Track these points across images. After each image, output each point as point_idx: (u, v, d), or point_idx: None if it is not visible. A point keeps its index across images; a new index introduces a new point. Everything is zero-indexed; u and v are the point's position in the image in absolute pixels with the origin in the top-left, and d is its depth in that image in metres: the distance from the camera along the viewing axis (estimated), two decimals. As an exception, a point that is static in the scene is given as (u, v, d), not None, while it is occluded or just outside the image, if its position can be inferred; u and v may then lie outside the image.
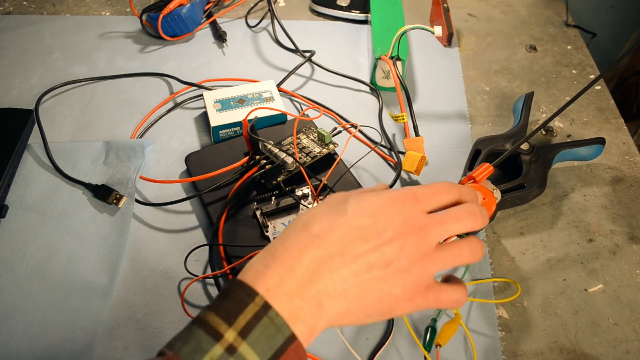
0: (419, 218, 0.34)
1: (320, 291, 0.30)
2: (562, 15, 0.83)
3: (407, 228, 0.33)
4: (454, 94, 0.68)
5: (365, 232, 0.32)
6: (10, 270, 0.46)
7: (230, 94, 0.61)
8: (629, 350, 0.43)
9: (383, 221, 0.33)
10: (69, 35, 0.74)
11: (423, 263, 0.33)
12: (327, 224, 0.32)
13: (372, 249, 0.32)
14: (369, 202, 0.34)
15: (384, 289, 0.32)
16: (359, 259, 0.31)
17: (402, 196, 0.34)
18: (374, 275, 0.32)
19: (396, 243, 0.32)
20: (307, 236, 0.32)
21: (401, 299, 0.33)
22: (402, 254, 0.32)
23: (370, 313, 0.33)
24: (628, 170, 0.58)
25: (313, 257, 0.31)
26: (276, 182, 0.52)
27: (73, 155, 0.56)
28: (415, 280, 0.33)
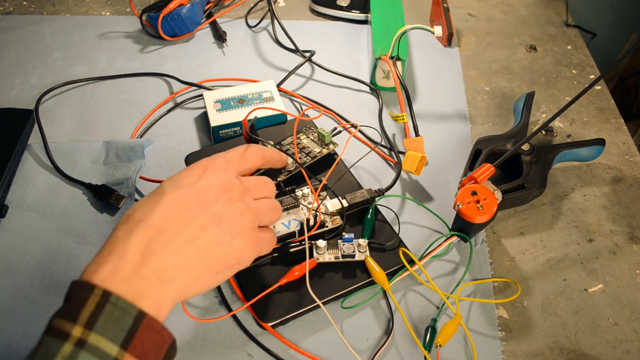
0: (235, 177, 0.37)
1: (158, 267, 0.31)
2: (562, 15, 0.83)
3: (227, 185, 0.36)
4: (454, 94, 0.68)
5: (187, 200, 0.34)
6: (10, 270, 0.46)
7: (230, 94, 0.61)
8: (629, 350, 0.43)
9: (202, 186, 0.35)
10: (69, 35, 0.74)
11: (251, 211, 0.36)
12: (147, 207, 0.33)
13: (199, 212, 0.34)
14: (183, 175, 0.36)
15: (225, 243, 0.34)
16: (190, 225, 0.33)
17: (212, 161, 0.37)
18: (209, 234, 0.33)
19: (221, 199, 0.35)
20: (132, 224, 0.32)
21: (244, 247, 0.35)
22: (231, 207, 0.35)
23: (219, 270, 0.34)
24: (628, 170, 0.58)
25: (140, 239, 0.31)
26: (276, 182, 0.52)
27: (73, 155, 0.56)
28: (249, 228, 0.36)
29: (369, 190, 0.50)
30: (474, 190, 0.47)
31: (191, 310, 0.44)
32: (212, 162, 0.37)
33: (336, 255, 0.45)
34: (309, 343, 0.43)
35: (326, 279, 0.45)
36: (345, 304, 0.45)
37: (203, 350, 0.42)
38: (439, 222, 0.52)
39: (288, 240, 0.47)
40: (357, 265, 0.46)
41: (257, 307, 0.43)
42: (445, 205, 0.54)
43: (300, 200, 0.50)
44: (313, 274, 0.45)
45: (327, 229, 0.48)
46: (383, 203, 0.53)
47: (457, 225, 0.49)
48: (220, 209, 0.34)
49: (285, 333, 0.43)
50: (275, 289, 0.44)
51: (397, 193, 0.55)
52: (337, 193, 0.50)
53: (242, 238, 0.35)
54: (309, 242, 0.45)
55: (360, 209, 0.50)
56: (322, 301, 0.43)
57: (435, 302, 0.46)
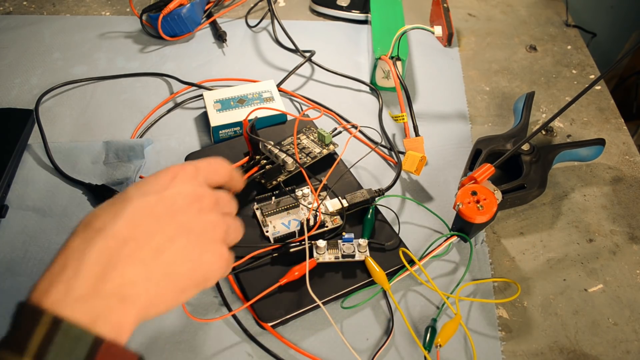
0: (205, 187, 0.34)
1: (120, 283, 0.28)
2: (562, 15, 0.83)
3: (198, 194, 0.33)
4: (454, 94, 0.68)
5: (154, 209, 0.30)
6: (10, 270, 0.46)
7: (230, 94, 0.61)
8: (629, 350, 0.43)
9: (171, 193, 0.32)
10: (69, 35, 0.74)
11: (222, 225, 0.33)
12: (109, 214, 0.30)
13: (167, 222, 0.30)
14: (150, 181, 0.32)
15: (193, 258, 0.31)
16: (156, 236, 0.30)
17: (182, 168, 0.34)
18: (177, 247, 0.30)
19: (191, 209, 0.32)
20: (90, 233, 0.29)
21: (213, 263, 0.32)
22: (202, 218, 0.32)
23: (184, 287, 0.31)
24: (628, 170, 0.58)
25: (101, 250, 0.28)
26: (276, 182, 0.52)
27: (73, 155, 0.56)
28: (221, 241, 0.33)
29: (369, 190, 0.50)
30: (474, 190, 0.47)
31: (191, 310, 0.44)
32: (182, 169, 0.34)
33: (336, 255, 0.45)
34: (309, 343, 0.43)
35: (326, 279, 0.45)
36: (345, 304, 0.45)
37: (203, 350, 0.42)
38: (439, 222, 0.52)
39: (288, 240, 0.47)
40: (357, 265, 0.46)
41: (257, 307, 0.43)
42: (445, 205, 0.54)
43: (300, 200, 0.50)
44: (313, 274, 0.45)
45: (327, 229, 0.48)
46: (383, 203, 0.53)
47: (457, 225, 0.49)
48: (190, 219, 0.31)
49: (285, 333, 0.43)
50: (275, 289, 0.44)
51: (397, 193, 0.55)
52: (337, 193, 0.50)
53: (213, 253, 0.32)
54: (309, 242, 0.45)
55: (360, 209, 0.50)
56: (322, 301, 0.43)
57: (435, 302, 0.46)
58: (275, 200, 0.50)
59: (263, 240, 0.48)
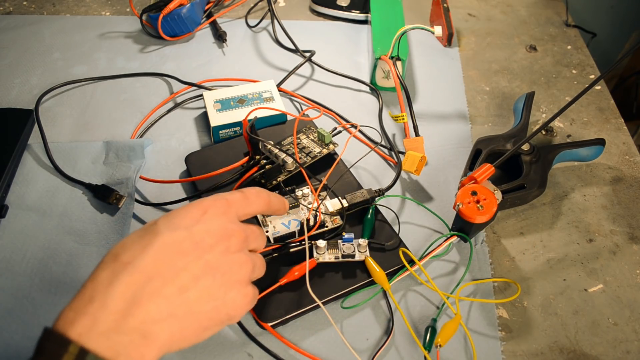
0: (236, 223, 0.34)
1: (144, 319, 0.28)
2: (562, 15, 0.83)
3: (227, 232, 0.32)
4: (454, 94, 0.68)
5: (182, 245, 0.30)
6: (10, 270, 0.46)
7: (230, 94, 0.61)
8: (629, 350, 0.43)
9: (199, 230, 0.31)
10: (69, 35, 0.74)
11: (249, 264, 0.33)
12: (138, 248, 0.30)
13: (193, 260, 0.30)
14: (180, 215, 0.32)
15: (218, 297, 0.31)
16: (182, 274, 0.30)
17: (214, 202, 0.33)
18: (202, 286, 0.30)
19: (219, 247, 0.31)
20: (117, 265, 0.29)
21: (238, 302, 0.32)
22: (229, 257, 0.32)
23: (207, 326, 0.31)
24: (628, 170, 0.58)
25: (127, 285, 0.28)
26: (276, 182, 0.52)
27: (73, 155, 0.56)
28: (247, 280, 0.33)
29: (369, 190, 0.50)
30: (474, 190, 0.47)
31: (191, 310, 0.44)
32: (213, 203, 0.33)
33: (336, 255, 0.45)
34: (309, 343, 0.43)
35: (326, 279, 0.45)
36: (345, 304, 0.45)
37: (203, 350, 0.42)
38: (439, 222, 0.52)
39: (288, 240, 0.47)
40: (357, 265, 0.46)
41: (257, 307, 0.43)
42: (445, 205, 0.54)
43: (300, 200, 0.50)
44: (313, 274, 0.45)
45: (327, 229, 0.48)
46: (383, 203, 0.53)
47: (457, 225, 0.49)
48: (217, 258, 0.31)
49: (285, 333, 0.43)
50: (275, 289, 0.44)
51: (397, 193, 0.55)
52: (337, 193, 0.50)
53: (238, 292, 0.32)
54: (309, 242, 0.45)
55: (360, 209, 0.50)
56: (322, 301, 0.43)
57: (435, 302, 0.46)
58: (275, 200, 0.50)
59: (263, 240, 0.48)
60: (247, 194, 0.36)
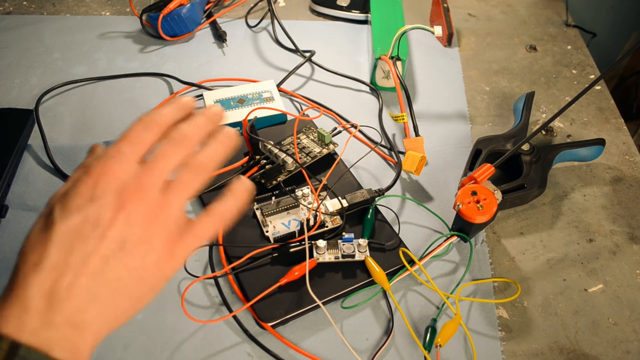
0: (132, 177, 0.30)
1: (69, 312, 0.27)
2: (562, 15, 0.83)
3: (123, 198, 0.30)
4: (454, 94, 0.68)
5: (80, 231, 0.29)
6: (10, 271, 0.46)
7: (230, 94, 0.61)
8: (629, 350, 0.43)
9: (93, 209, 0.29)
10: (69, 35, 0.74)
11: (160, 216, 0.30)
12: (40, 246, 0.29)
13: (97, 242, 0.29)
14: (71, 196, 0.30)
15: (136, 267, 0.30)
16: (90, 260, 0.28)
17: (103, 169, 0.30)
18: (114, 263, 0.29)
19: (118, 220, 0.29)
20: (27, 268, 0.28)
21: (160, 262, 0.30)
22: (132, 225, 0.30)
23: (139, 296, 0.30)
24: (628, 170, 0.58)
25: (40, 285, 0.28)
26: (276, 182, 0.52)
27: (73, 155, 0.56)
28: (163, 238, 0.30)
29: (369, 190, 0.50)
30: (474, 190, 0.47)
31: (191, 311, 0.44)
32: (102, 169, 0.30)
33: (336, 255, 0.45)
34: (309, 343, 0.43)
35: (326, 279, 0.45)
36: (345, 304, 0.45)
37: (203, 350, 0.42)
38: (439, 222, 0.52)
39: (288, 240, 0.47)
40: (357, 265, 0.46)
41: (257, 307, 0.43)
42: (445, 205, 0.54)
43: (300, 200, 0.50)
44: (313, 274, 0.45)
45: (327, 229, 0.48)
46: (383, 203, 0.53)
47: (457, 225, 0.49)
48: (119, 231, 0.29)
49: (285, 333, 0.43)
50: (275, 289, 0.44)
51: (397, 193, 0.55)
52: (337, 193, 0.50)
53: (155, 254, 0.30)
54: (309, 242, 0.45)
55: (360, 209, 0.50)
56: (322, 301, 0.43)
57: (435, 302, 0.46)
58: (275, 200, 0.50)
59: (263, 240, 0.48)
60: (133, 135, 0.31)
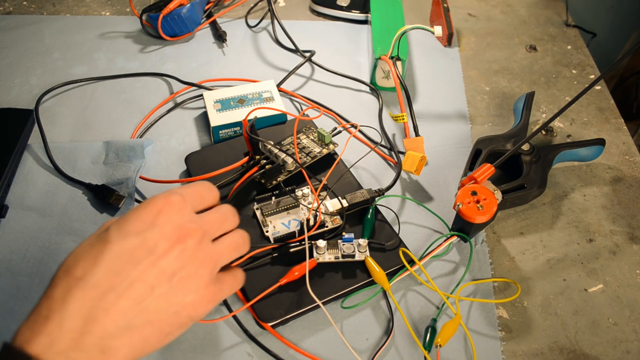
0: (192, 219, 0.32)
1: (101, 335, 0.28)
2: (562, 15, 0.83)
3: (182, 232, 0.31)
4: (454, 94, 0.68)
5: (134, 254, 0.29)
6: (10, 270, 0.46)
7: (230, 94, 0.61)
8: (629, 350, 0.43)
9: (152, 234, 0.30)
10: (69, 35, 0.74)
11: (209, 261, 0.32)
12: (89, 260, 0.29)
13: (147, 268, 0.29)
14: (132, 219, 0.31)
15: (177, 302, 0.30)
16: (136, 285, 0.29)
17: (167, 200, 0.32)
18: (158, 294, 0.29)
19: (173, 252, 0.30)
20: (70, 281, 0.28)
21: (198, 303, 0.31)
22: (184, 260, 0.31)
23: (169, 331, 0.31)
24: (628, 170, 0.58)
25: (81, 302, 0.28)
26: (276, 182, 0.52)
27: (73, 155, 0.56)
28: (206, 280, 0.32)
29: (369, 190, 0.50)
30: (474, 190, 0.47)
31: (191, 310, 0.44)
32: (166, 202, 0.31)
33: (336, 255, 0.45)
34: (309, 343, 0.43)
35: (326, 279, 0.45)
36: (345, 304, 0.45)
37: (203, 350, 0.42)
38: (439, 222, 0.52)
39: (288, 240, 0.47)
40: (357, 265, 0.46)
41: (257, 307, 0.43)
42: (445, 205, 0.54)
43: (300, 200, 0.50)
44: (313, 274, 0.45)
45: (327, 229, 0.48)
46: (383, 203, 0.53)
47: (457, 225, 0.49)
48: (172, 263, 0.30)
49: (285, 333, 0.43)
50: (275, 289, 0.44)
51: (397, 193, 0.55)
52: (337, 193, 0.50)
53: (197, 294, 0.31)
54: (309, 242, 0.45)
55: (360, 209, 0.50)
56: (322, 301, 0.43)
57: (435, 302, 0.46)
58: (275, 200, 0.50)
59: (263, 240, 0.48)
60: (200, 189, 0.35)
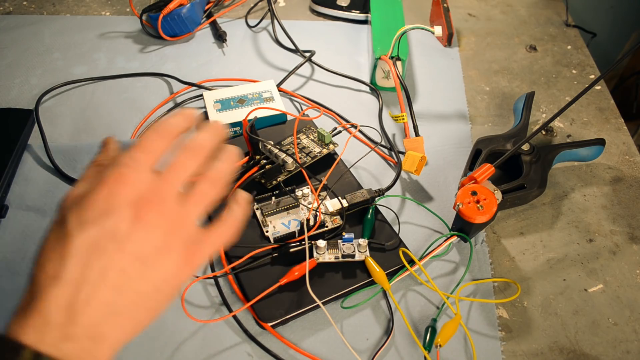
0: (148, 186, 0.29)
1: (87, 325, 0.27)
2: (562, 15, 0.83)
3: (140, 207, 0.29)
4: (454, 94, 0.68)
5: (98, 244, 0.28)
6: (10, 270, 0.46)
7: (230, 94, 0.61)
8: (629, 350, 0.43)
9: (110, 221, 0.29)
10: (69, 35, 0.74)
11: (177, 227, 0.30)
12: (57, 257, 0.28)
13: (114, 254, 0.28)
14: (86, 207, 0.29)
15: (155, 278, 0.29)
16: (109, 273, 0.28)
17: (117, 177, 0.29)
18: (134, 276, 0.29)
19: (137, 232, 0.29)
20: (45, 279, 0.28)
21: (178, 272, 0.30)
22: (150, 237, 0.29)
23: (156, 306, 0.30)
24: (628, 170, 0.58)
25: (59, 298, 0.27)
26: (276, 182, 0.52)
27: (73, 155, 0.56)
28: (180, 248, 0.30)
29: (369, 190, 0.50)
30: (474, 190, 0.47)
31: (191, 310, 0.44)
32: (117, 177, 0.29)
33: (336, 255, 0.45)
34: (309, 343, 0.43)
35: (326, 279, 0.45)
36: (345, 304, 0.45)
37: (203, 350, 0.42)
38: (439, 222, 0.52)
39: (288, 240, 0.47)
40: (357, 265, 0.46)
41: (257, 307, 0.43)
42: (445, 205, 0.54)
43: (300, 200, 0.50)
44: (313, 274, 0.45)
45: (327, 229, 0.48)
46: (383, 203, 0.53)
47: (457, 225, 0.49)
48: (138, 243, 0.29)
49: (285, 333, 0.43)
50: (275, 289, 0.44)
51: (397, 193, 0.55)
52: (337, 193, 0.50)
53: (174, 263, 0.30)
54: (309, 242, 0.45)
55: (360, 209, 0.50)
56: (322, 301, 0.43)
57: (435, 302, 0.46)
58: (275, 200, 0.50)
59: (263, 240, 0.48)
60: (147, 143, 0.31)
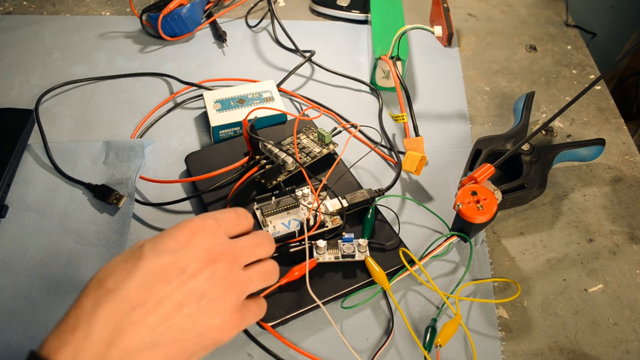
0: (225, 243, 0.33)
1: (127, 349, 0.28)
2: (562, 15, 0.83)
3: (214, 255, 0.32)
4: (454, 94, 0.68)
5: (166, 272, 0.30)
6: (10, 270, 0.46)
7: (230, 94, 0.61)
8: (629, 350, 0.43)
9: (185, 254, 0.31)
10: (69, 35, 0.74)
11: (238, 286, 0.33)
12: (122, 274, 0.30)
13: (177, 287, 0.30)
14: (167, 238, 0.31)
15: (202, 323, 0.31)
16: (165, 302, 0.29)
17: (202, 222, 0.33)
18: (186, 313, 0.30)
19: (204, 273, 0.31)
20: (101, 292, 0.29)
21: (223, 327, 0.32)
22: (214, 283, 0.31)
23: (193, 352, 0.31)
24: (628, 170, 0.58)
25: (110, 314, 0.28)
26: (276, 182, 0.52)
27: (73, 155, 0.56)
28: (233, 305, 0.32)
29: (369, 190, 0.50)
30: (474, 190, 0.47)
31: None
32: (201, 224, 0.32)
33: (336, 255, 0.45)
34: (309, 343, 0.43)
35: (326, 279, 0.45)
36: (345, 304, 0.45)
37: (203, 350, 0.42)
38: (439, 222, 0.52)
39: (288, 240, 0.47)
40: (357, 265, 0.46)
41: (257, 307, 0.43)
42: (445, 205, 0.54)
43: (300, 200, 0.50)
44: (313, 274, 0.45)
45: (327, 229, 0.48)
46: (383, 203, 0.53)
47: (457, 225, 0.49)
48: (202, 284, 0.31)
49: (285, 333, 0.43)
50: (275, 289, 0.44)
51: (397, 193, 0.55)
52: (337, 193, 0.50)
53: (223, 318, 0.32)
54: (309, 242, 0.45)
55: (360, 209, 0.50)
56: (322, 301, 0.43)
57: (435, 302, 0.46)
58: (275, 200, 0.50)
59: (263, 240, 0.48)
60: (239, 212, 0.36)
